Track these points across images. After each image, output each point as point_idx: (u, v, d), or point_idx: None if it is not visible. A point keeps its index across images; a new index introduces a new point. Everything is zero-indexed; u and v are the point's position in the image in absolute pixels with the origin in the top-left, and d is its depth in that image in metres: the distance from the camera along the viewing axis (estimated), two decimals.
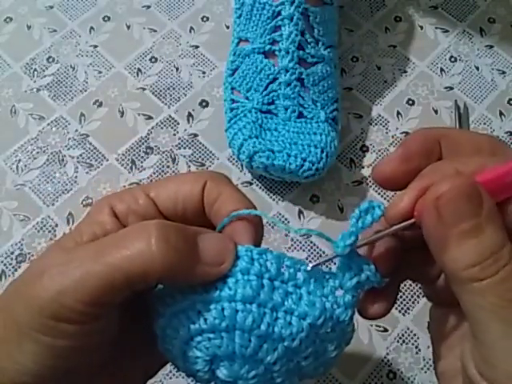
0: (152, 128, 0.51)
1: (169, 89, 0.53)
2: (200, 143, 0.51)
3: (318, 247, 0.46)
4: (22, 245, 0.46)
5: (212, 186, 0.24)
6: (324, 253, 0.46)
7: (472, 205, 0.19)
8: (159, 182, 0.26)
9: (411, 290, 0.45)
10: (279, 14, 0.46)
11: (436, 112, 0.53)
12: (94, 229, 0.23)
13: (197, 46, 0.56)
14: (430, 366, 0.43)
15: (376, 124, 0.52)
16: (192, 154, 0.50)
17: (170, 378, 0.42)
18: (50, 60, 0.54)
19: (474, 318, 0.19)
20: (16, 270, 0.45)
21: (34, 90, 0.53)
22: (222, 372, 0.23)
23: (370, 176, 0.50)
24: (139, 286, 0.21)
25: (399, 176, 0.23)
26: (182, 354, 0.23)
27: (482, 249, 0.19)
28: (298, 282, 0.24)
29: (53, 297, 0.20)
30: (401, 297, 0.45)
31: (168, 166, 0.49)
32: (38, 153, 0.50)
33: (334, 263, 0.25)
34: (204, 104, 0.52)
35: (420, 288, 0.45)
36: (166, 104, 0.52)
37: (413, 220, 0.21)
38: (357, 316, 0.25)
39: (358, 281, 0.24)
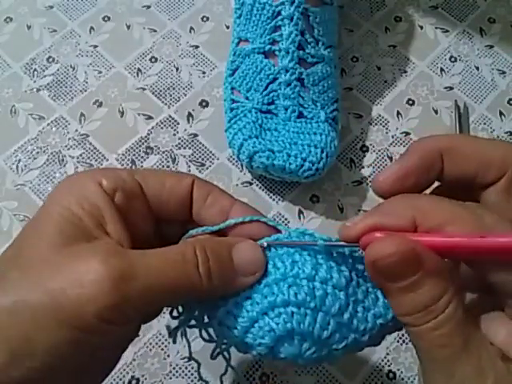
0: (152, 128, 0.51)
1: (169, 89, 0.53)
2: (200, 143, 0.51)
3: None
4: None
5: (202, 184, 0.26)
6: None
7: (408, 268, 0.20)
8: (145, 169, 0.26)
9: None
10: (279, 13, 0.46)
11: (436, 112, 0.53)
12: (89, 208, 0.23)
13: (197, 46, 0.56)
14: None
15: (376, 124, 0.52)
16: (192, 154, 0.50)
17: (170, 378, 0.42)
18: (50, 60, 0.54)
19: (416, 351, 0.22)
20: None
21: (34, 90, 0.53)
22: (287, 350, 0.24)
23: (370, 176, 0.50)
24: (182, 301, 0.24)
25: (397, 192, 0.23)
26: (243, 342, 0.25)
27: (416, 303, 0.21)
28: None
29: (115, 304, 0.21)
30: None
31: (168, 166, 0.49)
32: (37, 153, 0.50)
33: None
34: (204, 104, 0.52)
35: None
36: (165, 104, 0.52)
37: (357, 246, 0.23)
38: None
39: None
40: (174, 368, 0.42)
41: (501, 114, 0.53)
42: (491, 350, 0.21)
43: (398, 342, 0.43)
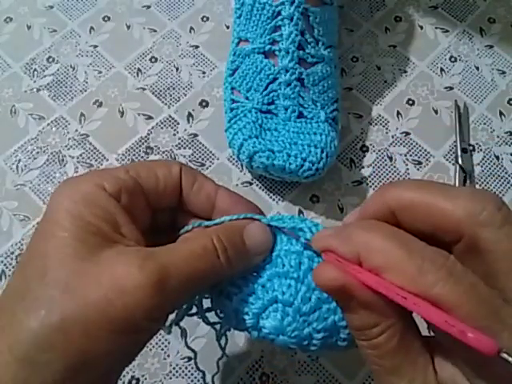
0: (152, 128, 0.51)
1: (169, 89, 0.53)
2: (200, 143, 0.51)
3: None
4: (22, 245, 0.46)
5: (188, 170, 0.28)
6: None
7: (340, 296, 0.22)
8: (132, 164, 0.27)
9: None
10: (279, 13, 0.46)
11: (436, 112, 0.53)
12: (105, 216, 0.24)
13: (197, 46, 0.56)
14: None
15: (376, 124, 0.52)
16: (192, 154, 0.50)
17: (170, 378, 0.42)
18: (50, 60, 0.54)
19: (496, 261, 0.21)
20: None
21: (34, 90, 0.53)
22: (270, 322, 0.26)
23: (370, 176, 0.50)
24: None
25: None
26: (235, 313, 0.27)
27: (353, 323, 0.22)
28: None
29: (158, 305, 0.22)
30: None
31: None
32: (37, 153, 0.50)
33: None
34: (204, 104, 0.52)
35: None
36: (165, 104, 0.52)
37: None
38: None
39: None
40: (173, 368, 0.42)
41: (501, 114, 0.53)
42: (431, 380, 0.21)
43: None
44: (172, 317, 0.28)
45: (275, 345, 0.27)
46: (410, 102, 0.53)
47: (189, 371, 0.42)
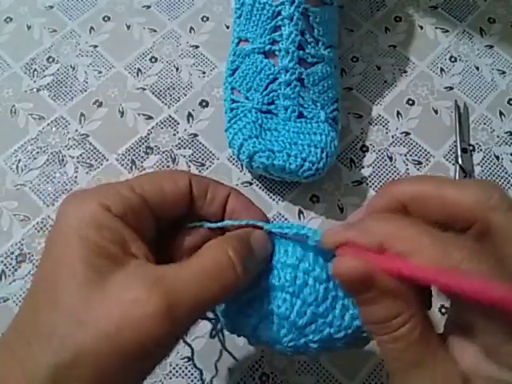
0: (152, 128, 0.51)
1: (169, 89, 0.53)
2: (200, 143, 0.51)
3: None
4: (22, 245, 0.46)
5: (199, 180, 0.27)
6: None
7: (362, 286, 0.22)
8: (138, 179, 0.26)
9: None
10: (279, 13, 0.46)
11: (436, 112, 0.53)
12: (113, 237, 0.23)
13: (197, 46, 0.56)
14: None
15: (376, 124, 0.52)
16: (192, 154, 0.50)
17: (170, 378, 0.42)
18: (50, 60, 0.54)
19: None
20: (16, 270, 0.45)
21: (34, 90, 0.53)
22: (266, 333, 0.26)
23: (370, 176, 0.50)
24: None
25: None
26: (237, 319, 0.27)
27: (374, 316, 0.22)
28: None
29: (168, 332, 0.22)
30: None
31: (168, 166, 0.49)
32: (37, 153, 0.50)
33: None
34: (204, 104, 0.52)
35: None
36: (166, 104, 0.52)
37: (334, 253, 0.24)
38: None
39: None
40: (173, 368, 0.42)
41: (501, 114, 0.53)
42: (452, 371, 0.21)
43: None
44: None
45: (273, 350, 0.27)
46: (410, 102, 0.53)
47: (189, 371, 0.42)
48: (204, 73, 0.54)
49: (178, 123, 0.51)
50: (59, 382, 0.21)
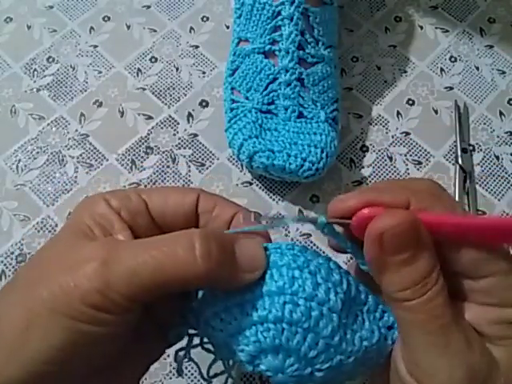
0: (152, 128, 0.51)
1: (169, 89, 0.53)
2: (200, 143, 0.51)
3: (318, 247, 0.46)
4: (22, 245, 0.46)
5: (207, 197, 0.27)
6: (324, 252, 0.46)
7: (410, 239, 0.22)
8: (152, 188, 0.28)
9: None
10: (279, 13, 0.46)
11: (436, 112, 0.53)
12: (101, 221, 0.25)
13: (197, 46, 0.56)
14: None
15: (376, 124, 0.52)
16: (192, 154, 0.50)
17: (170, 378, 0.42)
18: (50, 60, 0.54)
19: (406, 329, 0.23)
20: (16, 269, 0.45)
21: (34, 90, 0.53)
22: (269, 362, 0.24)
23: (370, 176, 0.50)
24: (177, 290, 0.23)
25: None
26: (226, 346, 0.24)
27: (415, 275, 0.22)
28: (364, 307, 0.26)
29: (97, 288, 0.21)
30: None
31: (168, 166, 0.49)
32: (37, 153, 0.50)
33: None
34: (204, 104, 0.52)
35: None
36: (166, 104, 0.52)
37: (349, 222, 0.24)
38: None
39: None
40: (173, 368, 0.42)
41: (501, 114, 0.53)
42: (474, 336, 0.23)
43: None
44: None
45: (270, 379, 0.24)
46: (410, 102, 0.53)
47: (189, 371, 0.42)
48: (204, 73, 0.54)
49: (178, 123, 0.51)
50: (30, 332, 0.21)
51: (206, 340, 0.27)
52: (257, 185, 0.49)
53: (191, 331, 0.27)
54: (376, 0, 0.59)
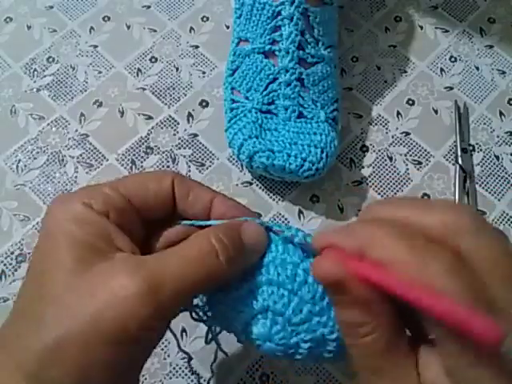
0: (152, 128, 0.51)
1: (169, 89, 0.53)
2: (200, 143, 0.51)
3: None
4: (21, 245, 0.46)
5: (182, 181, 0.27)
6: None
7: (335, 289, 0.22)
8: (123, 180, 0.27)
9: None
10: (279, 13, 0.46)
11: (436, 112, 0.53)
12: (97, 231, 0.24)
13: (197, 46, 0.56)
14: None
15: (376, 124, 0.52)
16: (192, 154, 0.50)
17: (170, 378, 0.42)
18: (50, 60, 0.54)
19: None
20: (16, 270, 0.45)
21: (34, 90, 0.53)
22: (258, 329, 0.26)
23: (370, 176, 0.50)
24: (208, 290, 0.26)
25: None
26: (223, 315, 0.27)
27: (342, 318, 0.23)
28: None
29: (150, 314, 0.22)
30: None
31: (168, 166, 0.49)
32: (37, 153, 0.50)
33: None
34: (204, 104, 0.52)
35: None
36: (166, 104, 0.52)
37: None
38: None
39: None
40: (174, 368, 0.42)
41: (501, 114, 0.53)
42: (412, 381, 0.21)
43: None
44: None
45: (261, 351, 0.27)
46: (410, 102, 0.53)
47: (189, 371, 0.42)
48: (204, 73, 0.54)
49: (178, 123, 0.51)
50: (45, 366, 0.21)
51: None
52: (257, 185, 0.49)
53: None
54: (376, 0, 0.59)
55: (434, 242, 0.20)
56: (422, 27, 0.58)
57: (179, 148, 0.50)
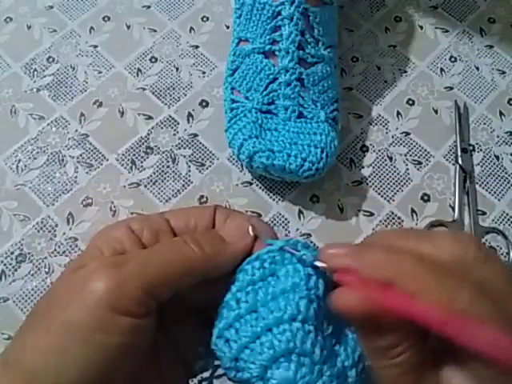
0: (152, 128, 0.51)
1: (169, 89, 0.53)
2: (200, 143, 0.51)
3: (318, 247, 0.46)
4: (21, 245, 0.46)
5: (223, 209, 0.29)
6: None
7: (365, 320, 0.22)
8: (172, 209, 0.30)
9: None
10: (279, 13, 0.46)
11: (436, 112, 0.53)
12: (113, 244, 0.25)
13: (197, 46, 0.56)
14: None
15: (376, 124, 0.52)
16: (192, 154, 0.50)
17: None
18: (50, 60, 0.54)
19: None
20: (16, 270, 0.45)
21: (34, 89, 0.53)
22: (281, 373, 0.22)
23: (370, 176, 0.50)
24: (186, 282, 0.25)
25: None
26: (250, 342, 0.23)
27: (373, 344, 0.22)
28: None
29: (112, 286, 0.22)
30: None
31: (168, 166, 0.49)
32: (37, 153, 0.50)
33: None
34: (204, 104, 0.52)
35: None
36: (166, 104, 0.52)
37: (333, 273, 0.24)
38: None
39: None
40: None
41: (501, 114, 0.53)
42: None
43: None
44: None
45: None
46: (410, 102, 0.53)
47: None
48: (204, 73, 0.54)
49: (178, 123, 0.51)
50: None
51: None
52: (257, 185, 0.49)
53: (216, 362, 0.27)
54: (376, 0, 0.59)
55: (451, 273, 0.21)
56: (422, 27, 0.58)
57: (179, 148, 0.50)
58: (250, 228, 0.27)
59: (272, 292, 0.24)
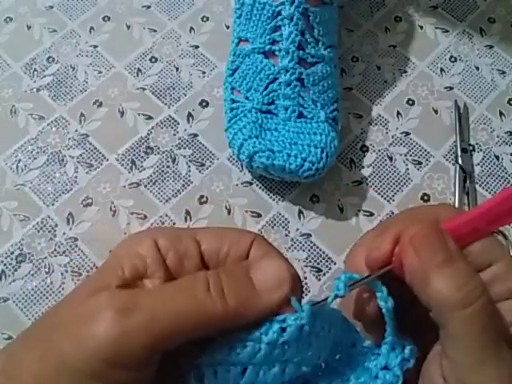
0: (152, 128, 0.51)
1: (169, 89, 0.53)
2: (200, 143, 0.51)
3: (318, 247, 0.46)
4: (21, 245, 0.46)
5: (260, 244, 0.25)
6: (324, 252, 0.46)
7: (440, 240, 0.23)
8: (207, 228, 0.27)
9: None
10: (279, 13, 0.46)
11: (436, 112, 0.53)
12: (135, 261, 0.23)
13: (197, 46, 0.56)
14: None
15: (376, 124, 0.52)
16: (192, 154, 0.50)
17: None
18: (50, 60, 0.54)
19: (457, 343, 0.22)
20: (16, 270, 0.45)
21: (34, 89, 0.53)
22: None
23: (370, 176, 0.50)
24: (199, 335, 0.21)
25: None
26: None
27: (458, 275, 0.22)
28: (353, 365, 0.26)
29: (113, 339, 0.20)
30: None
31: (168, 166, 0.49)
32: (37, 153, 0.50)
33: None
34: (204, 104, 0.52)
35: None
36: (166, 104, 0.52)
37: (390, 266, 0.24)
38: None
39: (403, 358, 0.25)
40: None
41: (501, 114, 0.53)
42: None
43: None
44: None
45: None
46: (410, 102, 0.53)
47: None
48: (204, 73, 0.54)
49: (178, 123, 0.51)
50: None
51: None
52: (257, 185, 0.49)
53: None
54: (376, 0, 0.59)
55: None
56: (422, 27, 0.58)
57: (179, 148, 0.50)
58: (289, 280, 0.23)
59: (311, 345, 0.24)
